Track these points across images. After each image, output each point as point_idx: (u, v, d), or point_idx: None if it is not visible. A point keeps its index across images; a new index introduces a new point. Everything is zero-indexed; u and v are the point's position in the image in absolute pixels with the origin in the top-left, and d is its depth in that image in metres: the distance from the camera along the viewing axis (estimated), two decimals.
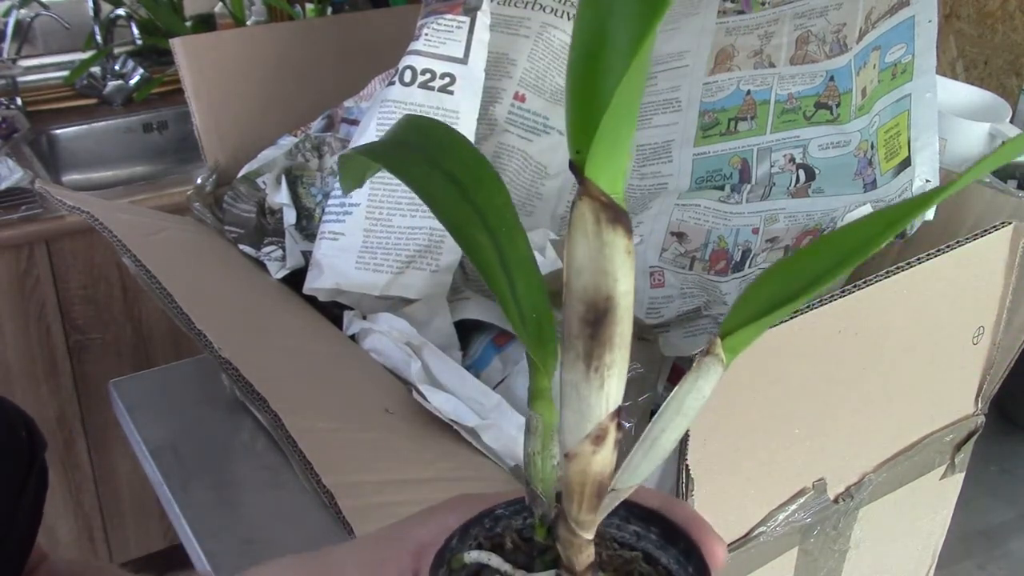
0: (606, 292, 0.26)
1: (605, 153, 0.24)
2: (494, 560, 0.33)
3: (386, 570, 0.34)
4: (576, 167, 0.24)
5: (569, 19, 0.85)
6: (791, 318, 0.44)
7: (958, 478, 0.62)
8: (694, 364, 0.30)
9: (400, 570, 0.34)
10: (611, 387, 0.27)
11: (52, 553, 0.55)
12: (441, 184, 0.29)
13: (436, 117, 0.78)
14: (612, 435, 0.28)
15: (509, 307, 0.29)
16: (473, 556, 0.33)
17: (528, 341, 0.30)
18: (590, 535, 0.30)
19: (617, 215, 0.25)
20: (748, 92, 0.80)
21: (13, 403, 0.54)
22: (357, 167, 0.34)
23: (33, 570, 0.52)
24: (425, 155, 0.30)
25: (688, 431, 0.43)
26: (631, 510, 0.34)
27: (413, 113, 0.76)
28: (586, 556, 0.31)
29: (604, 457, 0.28)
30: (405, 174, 0.30)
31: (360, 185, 0.35)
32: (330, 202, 0.78)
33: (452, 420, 0.65)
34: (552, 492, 0.33)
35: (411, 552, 0.34)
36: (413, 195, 0.77)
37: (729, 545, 0.49)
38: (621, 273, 0.26)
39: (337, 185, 0.79)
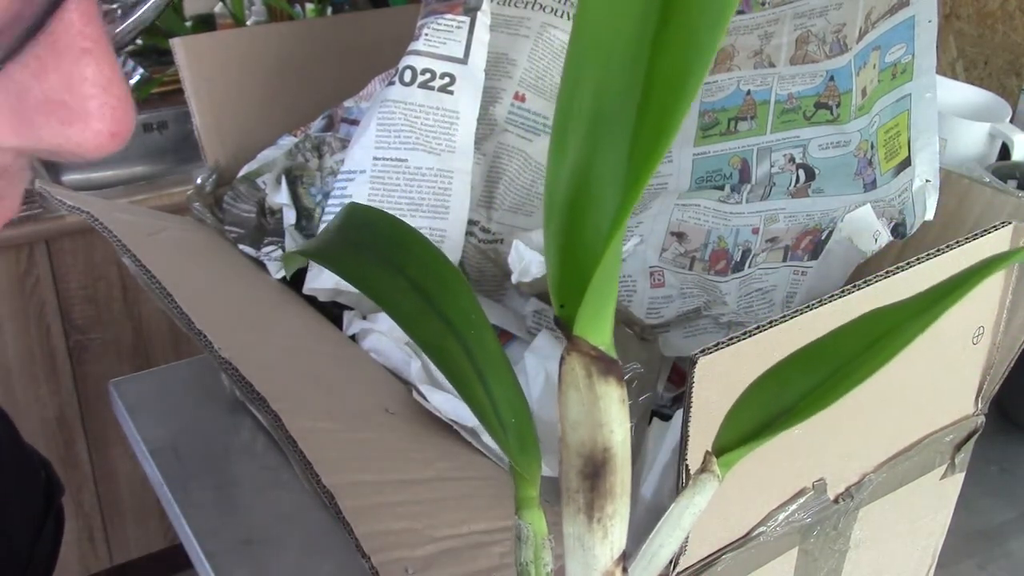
0: (603, 444, 0.26)
1: (594, 310, 0.23)
2: None
3: None
4: (563, 323, 0.24)
5: (569, 19, 0.85)
6: (791, 318, 0.44)
7: (958, 478, 0.62)
8: (691, 480, 0.30)
9: None
10: (614, 536, 0.27)
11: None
12: (405, 294, 0.28)
13: (436, 117, 0.78)
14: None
15: (487, 415, 0.29)
16: None
17: (509, 450, 0.29)
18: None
19: (608, 366, 0.24)
20: (748, 92, 0.80)
21: (32, 447, 0.54)
22: (298, 262, 0.33)
23: None
24: (381, 257, 0.29)
25: (688, 431, 0.43)
26: None
27: (354, 203, 0.76)
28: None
29: None
30: (364, 284, 0.29)
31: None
32: (330, 202, 0.78)
33: (452, 420, 0.65)
34: None
35: None
36: (413, 195, 0.78)
37: (729, 545, 0.49)
38: (616, 424, 0.25)
39: (337, 185, 0.79)
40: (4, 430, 0.50)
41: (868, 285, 0.47)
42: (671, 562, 0.47)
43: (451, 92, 0.78)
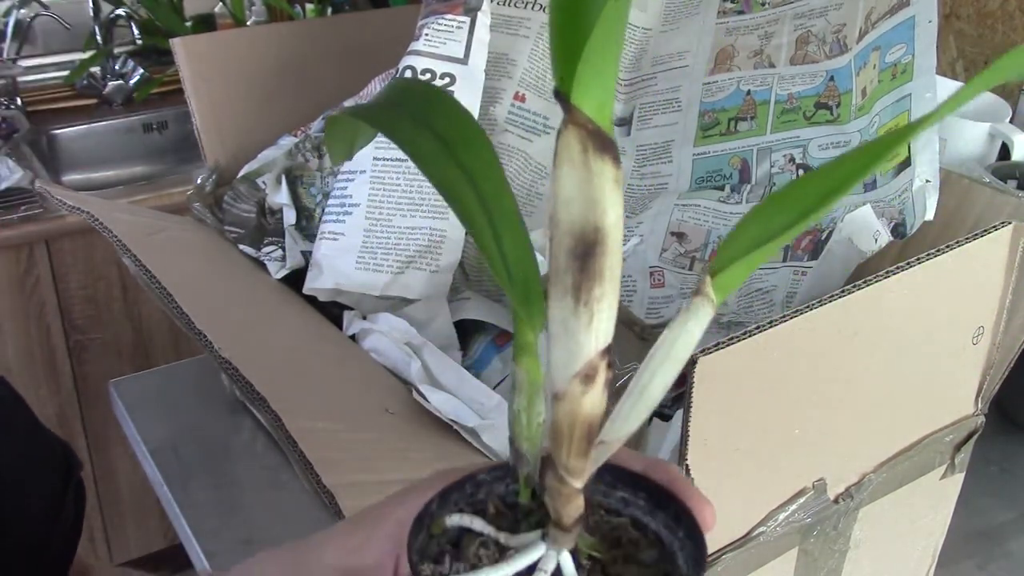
0: (595, 223, 0.25)
1: (591, 77, 0.23)
2: (477, 523, 0.32)
3: (366, 552, 0.33)
4: (561, 95, 0.24)
5: None
6: (791, 318, 0.44)
7: (958, 478, 0.62)
8: (683, 306, 0.29)
9: (380, 551, 0.33)
10: (601, 323, 0.26)
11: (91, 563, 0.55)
12: (429, 142, 0.29)
13: None
14: (602, 374, 0.27)
15: (496, 263, 0.28)
16: (455, 520, 0.32)
17: (514, 295, 0.29)
18: (580, 483, 0.29)
19: (605, 144, 0.24)
20: (748, 92, 0.80)
21: (48, 429, 0.54)
22: (345, 131, 0.34)
23: None
24: (413, 114, 0.30)
25: (688, 431, 0.43)
26: (617, 475, 0.33)
27: (399, 77, 0.76)
28: (575, 507, 0.30)
29: (594, 397, 0.27)
30: (392, 132, 0.30)
31: (350, 156, 0.35)
32: (330, 202, 0.78)
33: (452, 420, 0.65)
34: (538, 451, 0.32)
35: (390, 533, 0.33)
36: (413, 195, 0.78)
37: (729, 545, 0.49)
38: (610, 203, 0.25)
39: (337, 185, 0.79)
40: (16, 410, 0.50)
41: (868, 285, 0.47)
42: None
43: (451, 92, 0.78)
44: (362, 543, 0.34)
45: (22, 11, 1.91)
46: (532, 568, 0.30)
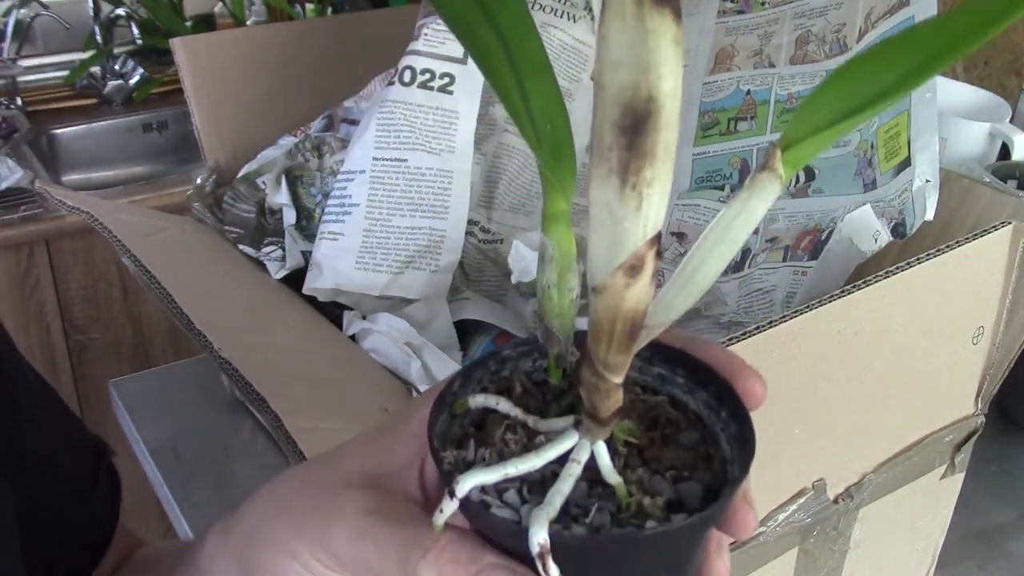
0: (648, 91, 0.21)
1: None
2: (502, 404, 0.29)
3: (390, 456, 0.32)
4: None
5: (569, 19, 0.85)
6: (791, 318, 0.44)
7: (958, 478, 0.62)
8: (747, 181, 0.25)
9: (405, 453, 0.32)
10: (651, 208, 0.23)
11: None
12: None
13: (436, 117, 0.78)
14: (650, 265, 0.24)
15: (521, 118, 0.25)
16: (479, 400, 0.30)
17: (542, 155, 0.26)
18: (619, 379, 0.27)
19: None
20: (748, 92, 0.80)
21: (78, 417, 0.55)
22: None
23: (125, 557, 0.52)
24: None
25: None
26: (655, 350, 0.31)
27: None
28: (613, 402, 0.27)
29: (639, 291, 0.24)
30: None
31: None
32: (330, 202, 0.78)
33: None
34: (570, 329, 0.29)
35: (415, 433, 0.32)
36: (413, 195, 0.78)
37: (729, 545, 0.49)
38: (667, 68, 0.21)
39: (337, 185, 0.79)
40: (43, 393, 0.51)
41: (868, 285, 0.47)
42: None
43: (451, 92, 0.78)
44: (386, 446, 0.32)
45: (22, 11, 1.91)
46: (564, 457, 0.28)
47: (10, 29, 1.90)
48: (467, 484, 0.27)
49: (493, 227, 0.82)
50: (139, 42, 1.99)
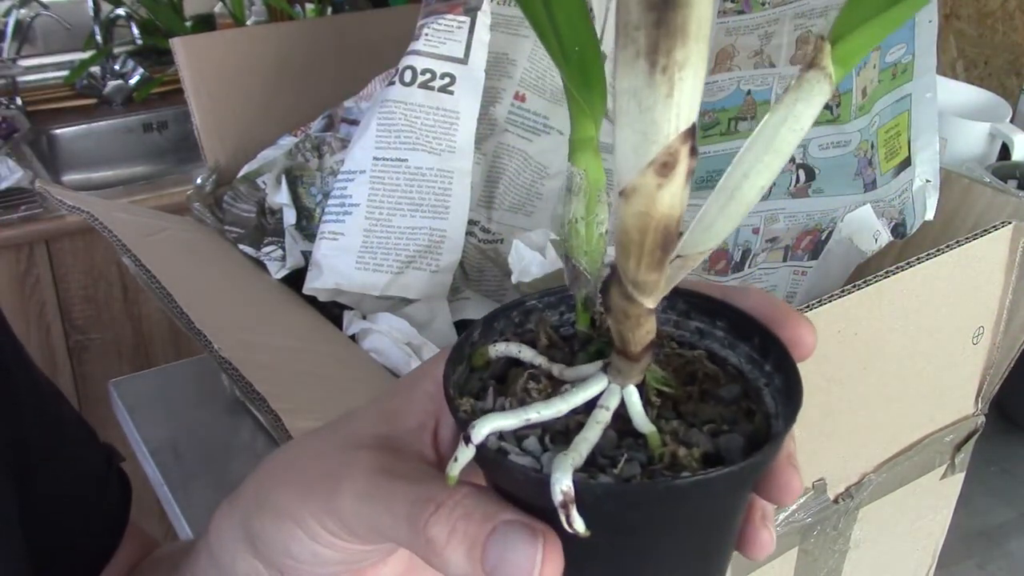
0: None
1: None
2: (526, 353, 0.27)
3: (403, 418, 0.30)
4: None
5: None
6: None
7: (958, 478, 0.62)
8: (792, 83, 0.22)
9: (418, 414, 0.30)
10: (683, 95, 0.20)
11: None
12: None
13: (436, 117, 0.78)
14: (684, 162, 0.21)
15: (547, 35, 0.23)
16: (500, 349, 0.27)
17: (570, 77, 0.23)
18: (651, 302, 0.24)
19: None
20: (748, 92, 0.80)
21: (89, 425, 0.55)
22: None
23: (140, 559, 0.52)
24: None
25: None
26: (692, 302, 0.28)
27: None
28: (644, 332, 0.24)
29: (673, 192, 0.21)
30: None
31: None
32: (330, 202, 0.78)
33: None
34: (599, 268, 0.26)
35: (428, 392, 0.30)
36: (413, 195, 0.78)
37: None
38: None
39: (337, 185, 0.79)
40: (55, 399, 0.51)
41: (868, 285, 0.47)
42: None
43: (451, 92, 0.78)
44: (398, 408, 0.30)
45: (22, 11, 1.91)
46: (592, 404, 0.25)
47: (10, 29, 1.90)
48: (484, 429, 0.24)
49: (493, 227, 0.82)
50: (139, 42, 1.99)
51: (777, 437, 0.26)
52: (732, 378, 0.28)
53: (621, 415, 0.25)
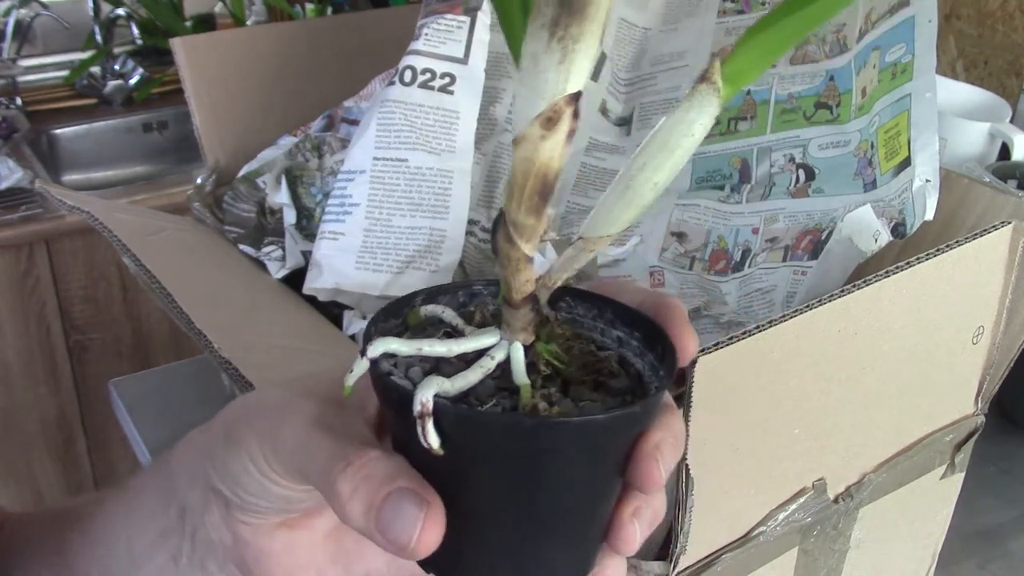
0: None
1: None
2: (447, 314, 0.31)
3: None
4: None
5: None
6: (791, 318, 0.44)
7: (958, 478, 0.62)
8: (687, 93, 0.26)
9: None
10: (574, 64, 0.24)
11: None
12: None
13: (436, 117, 0.78)
14: (567, 122, 0.25)
15: (512, 46, 0.26)
16: (428, 309, 0.31)
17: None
18: (529, 247, 0.27)
19: None
20: (748, 92, 0.80)
21: None
22: None
23: None
24: None
25: (688, 432, 0.43)
26: (619, 314, 0.32)
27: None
28: (524, 280, 0.28)
29: (554, 145, 0.25)
30: None
31: None
32: (330, 202, 0.78)
33: None
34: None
35: None
36: (413, 195, 0.78)
37: (729, 545, 0.49)
38: None
39: (337, 185, 0.79)
40: None
41: (868, 285, 0.47)
42: (671, 562, 0.47)
43: (451, 92, 0.78)
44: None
45: (22, 11, 1.91)
46: (482, 355, 0.29)
47: (10, 29, 1.90)
48: (379, 347, 0.28)
49: None
50: (139, 42, 1.99)
51: (627, 410, 0.28)
52: (630, 378, 0.31)
53: (508, 374, 0.29)
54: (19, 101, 1.85)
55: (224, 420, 0.34)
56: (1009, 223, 0.53)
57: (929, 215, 0.63)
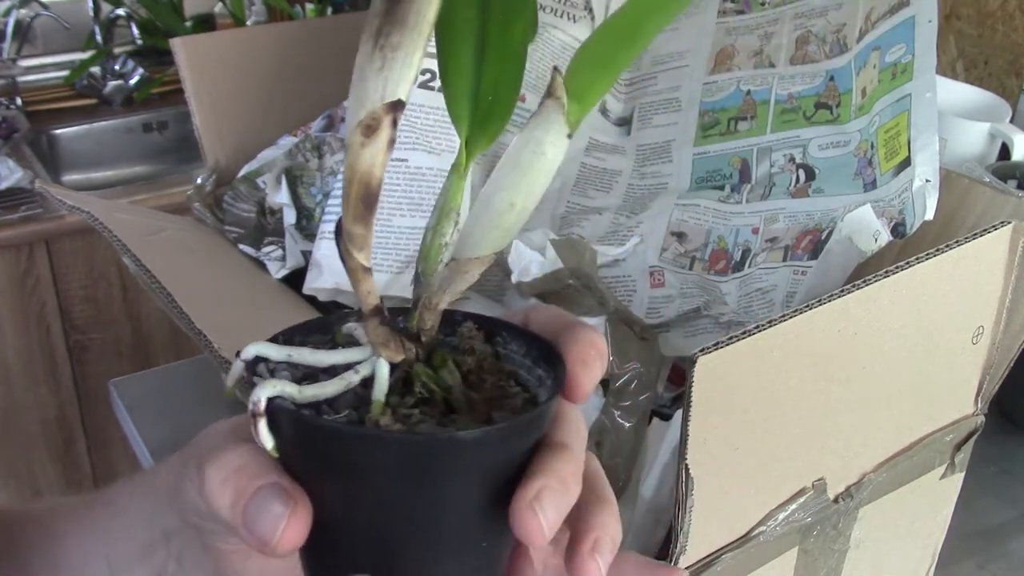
0: None
1: None
2: (358, 331, 0.31)
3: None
4: None
5: (569, 19, 0.85)
6: (791, 318, 0.44)
7: (958, 478, 0.62)
8: (537, 107, 0.26)
9: None
10: (392, 71, 0.25)
11: None
12: None
13: (436, 117, 0.78)
14: (386, 130, 0.25)
15: (446, 78, 0.26)
16: (348, 327, 0.31)
17: (448, 109, 0.27)
18: (363, 258, 0.27)
19: None
20: (748, 92, 0.80)
21: None
22: None
23: None
24: None
25: (688, 431, 0.43)
26: (543, 352, 0.31)
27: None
28: (366, 291, 0.28)
29: (374, 153, 0.25)
30: None
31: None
32: (330, 202, 0.78)
33: None
34: (433, 273, 0.30)
35: None
36: (413, 195, 0.78)
37: (729, 545, 0.49)
38: None
39: (337, 185, 0.79)
40: None
41: (868, 285, 0.47)
42: (671, 561, 0.47)
43: None
44: None
45: (22, 11, 1.91)
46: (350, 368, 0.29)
47: (10, 29, 1.90)
48: (251, 351, 0.29)
49: None
50: (139, 42, 1.99)
51: (465, 433, 0.27)
52: (527, 403, 0.30)
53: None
54: (19, 101, 1.85)
55: (186, 447, 0.34)
56: (1009, 223, 0.53)
57: (929, 215, 0.63)
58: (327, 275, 0.76)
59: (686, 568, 0.47)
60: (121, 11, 1.97)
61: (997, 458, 0.83)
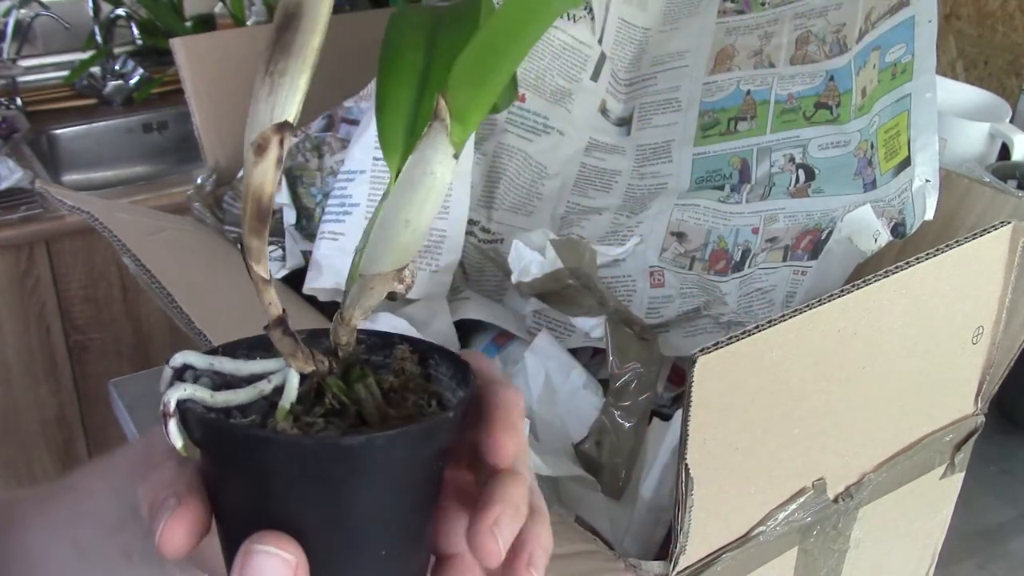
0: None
1: None
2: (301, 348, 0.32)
3: None
4: None
5: (569, 19, 0.85)
6: (791, 318, 0.44)
7: (958, 478, 0.62)
8: (423, 132, 0.28)
9: None
10: (280, 96, 0.27)
11: None
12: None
13: None
14: (274, 149, 0.27)
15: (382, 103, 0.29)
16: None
17: (379, 135, 0.29)
18: (260, 268, 0.29)
19: None
20: (748, 92, 0.80)
21: None
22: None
23: None
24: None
25: (688, 431, 0.43)
26: (462, 371, 0.32)
27: None
28: (267, 302, 0.30)
29: (264, 171, 0.27)
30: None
31: (509, 104, 0.35)
32: (330, 202, 0.78)
33: None
34: (354, 290, 0.31)
35: None
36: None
37: (729, 545, 0.49)
38: None
39: (337, 185, 0.79)
40: None
41: (868, 285, 0.47)
42: (671, 561, 0.47)
43: None
44: None
45: (22, 11, 1.91)
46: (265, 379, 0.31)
47: (10, 29, 1.90)
48: (179, 359, 0.31)
49: (493, 227, 0.82)
50: (139, 42, 1.99)
51: (348, 439, 0.28)
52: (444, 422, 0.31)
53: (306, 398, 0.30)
54: (19, 101, 1.85)
55: (148, 433, 0.36)
56: (1009, 223, 0.53)
57: (929, 215, 0.63)
58: (327, 275, 0.76)
59: (686, 568, 0.48)
60: (121, 11, 1.97)
61: (997, 458, 0.83)
